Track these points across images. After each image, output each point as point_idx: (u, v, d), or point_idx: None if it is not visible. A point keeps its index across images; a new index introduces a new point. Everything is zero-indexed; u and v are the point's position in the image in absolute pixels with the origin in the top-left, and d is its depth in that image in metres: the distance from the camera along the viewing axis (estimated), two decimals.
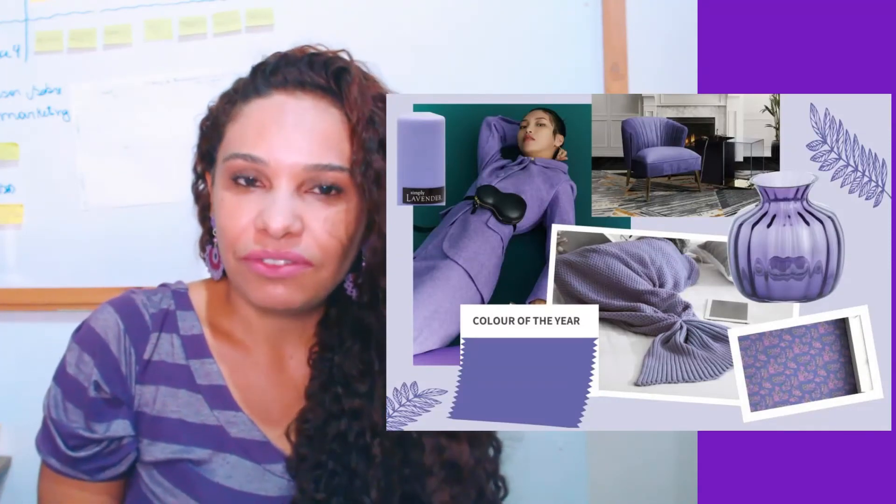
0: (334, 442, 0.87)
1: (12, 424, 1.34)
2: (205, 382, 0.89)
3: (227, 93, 0.90)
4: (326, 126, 0.83)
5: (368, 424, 0.87)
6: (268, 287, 0.82)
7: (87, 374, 0.87)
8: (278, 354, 0.93)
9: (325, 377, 0.89)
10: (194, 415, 0.88)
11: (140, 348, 0.88)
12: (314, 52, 0.88)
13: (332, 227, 0.82)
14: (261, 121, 0.83)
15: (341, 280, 0.88)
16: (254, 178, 0.82)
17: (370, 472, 0.86)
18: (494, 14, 1.36)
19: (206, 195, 0.94)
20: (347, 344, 0.89)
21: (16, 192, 1.42)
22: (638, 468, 1.41)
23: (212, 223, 0.90)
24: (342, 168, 0.82)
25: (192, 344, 0.90)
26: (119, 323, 0.88)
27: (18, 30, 1.42)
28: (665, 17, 1.36)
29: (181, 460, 0.88)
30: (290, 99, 0.84)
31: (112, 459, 0.89)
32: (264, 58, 0.90)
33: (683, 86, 1.14)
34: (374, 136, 0.83)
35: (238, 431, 0.89)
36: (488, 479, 0.94)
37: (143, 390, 0.88)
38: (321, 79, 0.85)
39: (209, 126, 0.91)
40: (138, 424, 0.89)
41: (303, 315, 0.92)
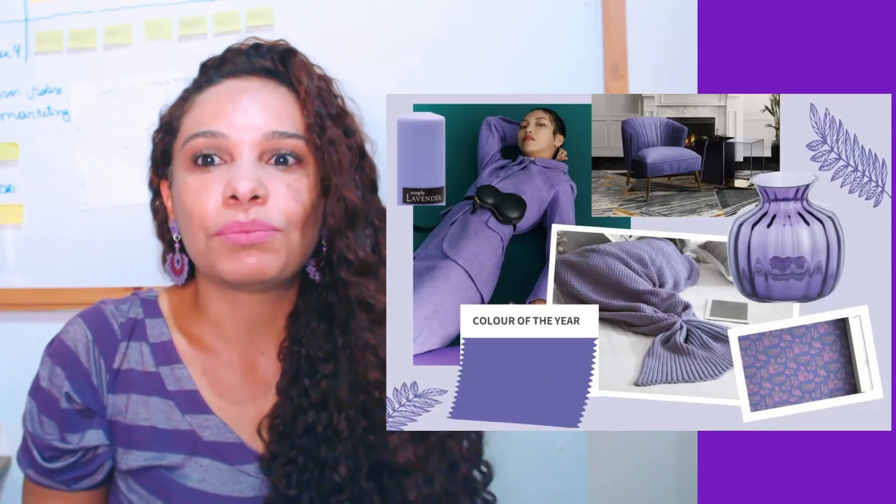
0: (304, 436, 0.88)
1: (12, 424, 1.34)
2: (175, 388, 0.90)
3: (178, 97, 0.94)
4: (278, 101, 0.88)
5: (335, 404, 0.88)
6: (240, 256, 0.83)
7: (59, 386, 0.89)
8: (249, 353, 0.93)
9: (294, 370, 0.90)
10: (166, 421, 0.89)
11: (109, 358, 0.89)
12: (258, 42, 0.93)
13: (296, 194, 0.85)
14: (216, 102, 0.87)
15: (308, 253, 0.89)
16: (214, 155, 0.85)
17: (338, 450, 0.87)
18: (494, 14, 1.36)
19: (163, 209, 0.96)
20: (312, 326, 0.91)
21: (16, 192, 1.42)
22: (638, 468, 1.41)
23: (172, 230, 0.93)
24: (298, 136, 0.86)
25: (161, 351, 0.91)
26: (88, 334, 0.90)
27: (18, 30, 1.41)
28: (665, 17, 1.36)
29: (155, 467, 0.88)
30: (242, 82, 0.89)
31: (87, 469, 0.91)
32: (210, 56, 0.95)
33: (683, 86, 1.14)
34: (322, 106, 0.88)
35: (210, 435, 0.89)
36: (467, 461, 0.95)
37: (116, 399, 0.89)
38: (268, 62, 0.90)
39: (163, 130, 0.94)
40: (112, 434, 0.90)
41: (271, 304, 0.92)
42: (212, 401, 0.91)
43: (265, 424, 0.90)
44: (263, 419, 0.90)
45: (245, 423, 0.90)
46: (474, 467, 0.98)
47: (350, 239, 0.87)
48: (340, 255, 0.87)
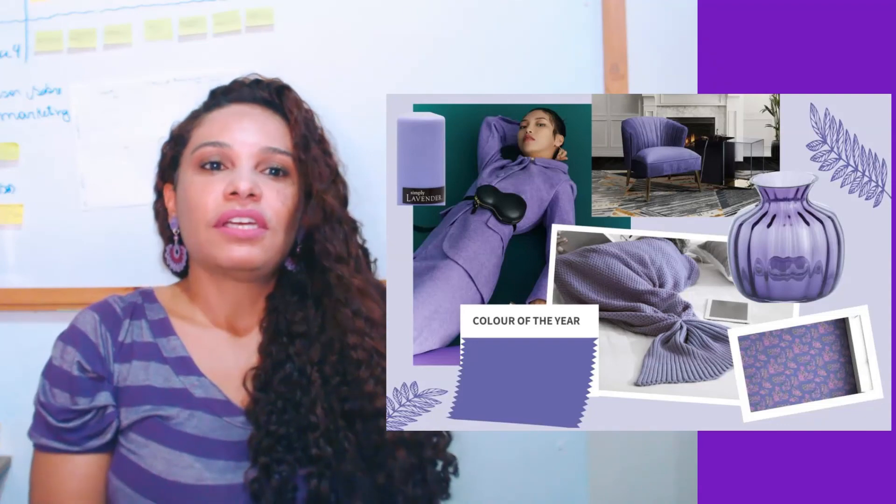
0: (281, 384, 1.02)
1: (12, 424, 1.34)
2: (171, 355, 1.03)
3: (189, 116, 1.12)
4: (273, 125, 1.07)
5: (307, 360, 1.03)
6: (233, 248, 0.99)
7: (71, 360, 1.00)
8: (234, 326, 1.08)
9: (273, 331, 1.05)
10: (163, 381, 1.01)
11: (115, 334, 1.03)
12: (259, 78, 1.14)
13: (284, 198, 1.03)
14: (223, 121, 1.07)
15: (287, 250, 1.06)
16: (219, 162, 1.02)
17: (312, 394, 1.00)
18: (494, 14, 1.36)
19: (164, 210, 1.12)
20: (287, 298, 1.08)
21: (16, 192, 1.42)
22: (638, 468, 1.40)
23: (172, 225, 1.09)
24: (287, 153, 1.05)
25: (158, 326, 1.06)
26: (95, 317, 1.04)
27: (18, 30, 1.41)
28: (665, 17, 1.35)
29: (151, 416, 0.99)
30: (245, 107, 1.09)
31: (97, 428, 0.99)
32: (219, 86, 1.14)
33: (683, 86, 1.14)
34: (307, 132, 1.07)
35: (202, 393, 1.01)
36: (431, 440, 1.04)
37: (120, 368, 1.02)
38: (266, 94, 1.11)
39: (173, 141, 1.11)
40: (118, 398, 1.01)
41: (254, 288, 1.08)
42: (202, 365, 1.03)
43: (249, 376, 1.02)
44: (248, 372, 1.03)
45: (231, 384, 1.02)
46: (437, 454, 1.07)
47: (328, 234, 1.05)
48: (321, 247, 1.04)
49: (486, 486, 1.30)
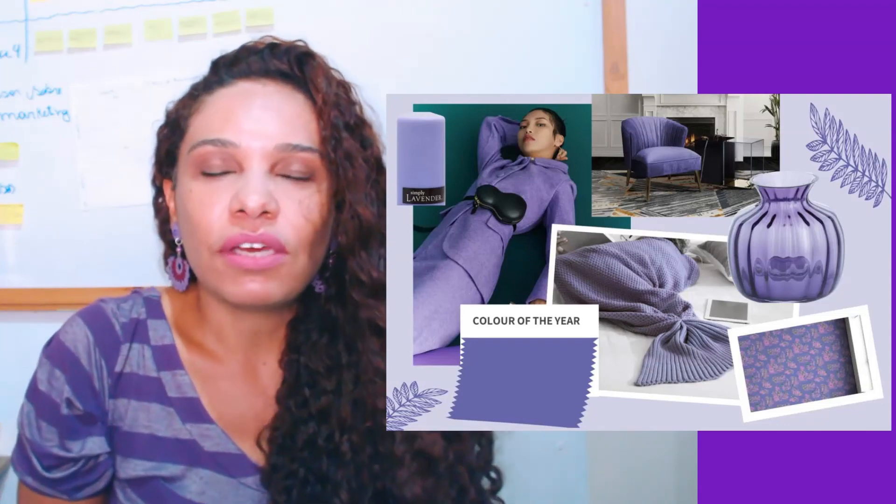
0: (304, 448, 0.85)
1: (12, 425, 1.34)
2: (176, 395, 0.87)
3: (187, 93, 0.89)
4: (293, 109, 0.82)
5: (336, 422, 0.85)
6: (244, 281, 0.79)
7: (59, 390, 0.85)
8: (251, 362, 0.90)
9: (293, 379, 0.87)
10: (166, 429, 0.86)
11: (111, 361, 0.86)
12: (274, 42, 0.87)
13: (307, 211, 0.81)
14: (227, 107, 0.82)
15: (314, 273, 0.85)
16: (223, 165, 0.80)
17: (339, 472, 0.84)
18: (494, 14, 1.36)
19: (164, 208, 0.92)
20: (313, 339, 0.87)
21: (16, 192, 1.42)
22: (638, 468, 1.41)
23: (173, 233, 0.88)
24: (312, 149, 0.81)
25: (162, 355, 0.88)
26: (89, 335, 0.86)
27: (18, 30, 1.42)
28: (665, 17, 1.36)
29: (154, 477, 0.86)
30: (256, 85, 0.84)
31: (89, 478, 0.88)
32: (223, 53, 0.89)
33: (683, 86, 1.14)
34: (339, 116, 0.83)
35: (212, 445, 0.87)
36: (473, 475, 0.91)
37: (117, 404, 0.86)
38: (284, 65, 0.85)
39: (168, 127, 0.89)
40: (113, 440, 0.88)
41: (275, 316, 0.89)
42: (213, 409, 0.88)
43: (265, 436, 0.87)
44: (263, 430, 0.87)
45: (247, 433, 0.88)
46: (484, 474, 0.95)
47: (363, 259, 0.82)
48: (353, 276, 0.82)
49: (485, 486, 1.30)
